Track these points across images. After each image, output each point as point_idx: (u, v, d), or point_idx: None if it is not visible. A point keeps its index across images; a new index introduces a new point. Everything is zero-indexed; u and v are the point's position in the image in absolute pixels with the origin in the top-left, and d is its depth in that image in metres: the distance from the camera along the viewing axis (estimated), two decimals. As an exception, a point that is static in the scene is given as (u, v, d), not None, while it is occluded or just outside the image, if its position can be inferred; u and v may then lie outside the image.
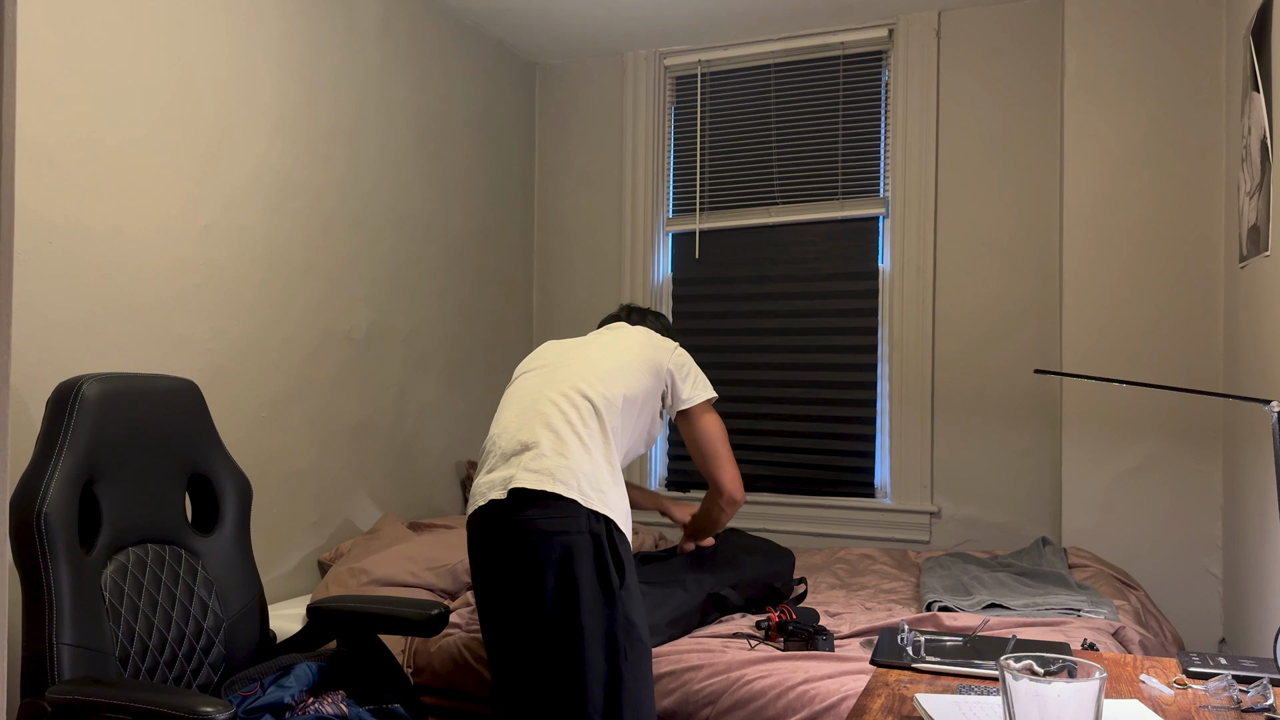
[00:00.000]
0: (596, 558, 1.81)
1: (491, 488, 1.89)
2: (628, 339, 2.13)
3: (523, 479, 1.84)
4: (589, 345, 2.11)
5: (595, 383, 1.98)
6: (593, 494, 1.85)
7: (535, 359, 2.14)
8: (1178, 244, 3.14)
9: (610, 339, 2.14)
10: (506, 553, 1.83)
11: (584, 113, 4.10)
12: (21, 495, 1.57)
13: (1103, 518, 3.19)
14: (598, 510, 1.83)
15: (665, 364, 2.12)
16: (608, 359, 2.05)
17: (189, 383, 1.92)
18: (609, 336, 2.15)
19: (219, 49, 2.57)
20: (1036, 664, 0.96)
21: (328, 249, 2.98)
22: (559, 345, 2.16)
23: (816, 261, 3.73)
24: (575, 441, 1.89)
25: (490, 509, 1.87)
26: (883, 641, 1.50)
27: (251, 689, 1.76)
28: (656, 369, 2.09)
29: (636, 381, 2.04)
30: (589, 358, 2.05)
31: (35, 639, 1.53)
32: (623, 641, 1.80)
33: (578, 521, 1.81)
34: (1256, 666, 1.37)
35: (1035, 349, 3.42)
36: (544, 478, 1.83)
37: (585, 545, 1.80)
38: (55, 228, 2.16)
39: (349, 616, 1.93)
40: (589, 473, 1.87)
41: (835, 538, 3.65)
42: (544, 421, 1.91)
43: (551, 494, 1.82)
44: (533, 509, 1.82)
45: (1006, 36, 3.48)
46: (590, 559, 1.80)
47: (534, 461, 1.86)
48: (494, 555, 1.86)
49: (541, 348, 2.19)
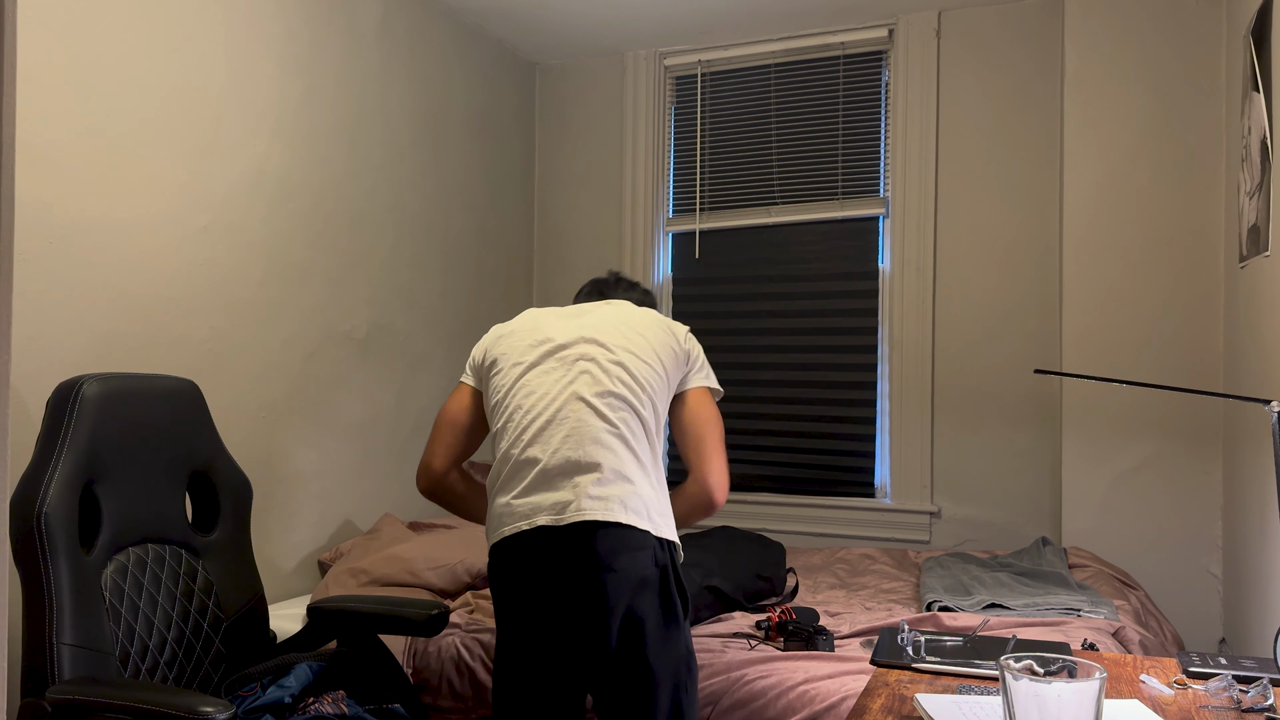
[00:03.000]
0: (663, 591, 1.68)
1: (538, 511, 1.68)
2: (644, 324, 1.88)
3: (590, 509, 1.65)
4: (605, 327, 1.85)
5: (633, 384, 1.78)
6: (660, 521, 1.70)
7: (539, 339, 1.85)
8: (1178, 244, 3.14)
9: (622, 319, 1.87)
10: (564, 587, 1.65)
11: (584, 113, 4.10)
12: (21, 495, 1.57)
13: (1103, 518, 3.19)
14: (666, 538, 1.70)
15: (682, 348, 1.89)
16: (633, 347, 1.81)
17: (189, 383, 1.92)
18: (618, 315, 1.88)
19: (218, 49, 2.57)
20: (1036, 664, 0.96)
21: (328, 249, 2.98)
22: (565, 323, 1.87)
23: (816, 261, 3.73)
24: (633, 461, 1.72)
25: (538, 535, 1.67)
26: (883, 641, 1.50)
27: (251, 689, 1.76)
28: (675, 357, 1.87)
29: (664, 377, 1.83)
30: (615, 345, 1.81)
31: (35, 639, 1.53)
32: (684, 677, 1.69)
33: (648, 554, 1.66)
34: (1256, 666, 1.37)
35: (1035, 349, 3.42)
36: (614, 506, 1.66)
37: (654, 579, 1.66)
38: (55, 228, 2.16)
39: (349, 616, 1.93)
40: (653, 498, 1.71)
41: (835, 538, 3.65)
42: (593, 436, 1.71)
43: (625, 525, 1.65)
44: (602, 541, 1.64)
45: (1006, 36, 3.48)
46: (657, 593, 1.67)
47: (597, 487, 1.67)
48: (542, 588, 1.67)
49: (540, 321, 1.90)
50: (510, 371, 1.82)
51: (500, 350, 1.87)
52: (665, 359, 1.84)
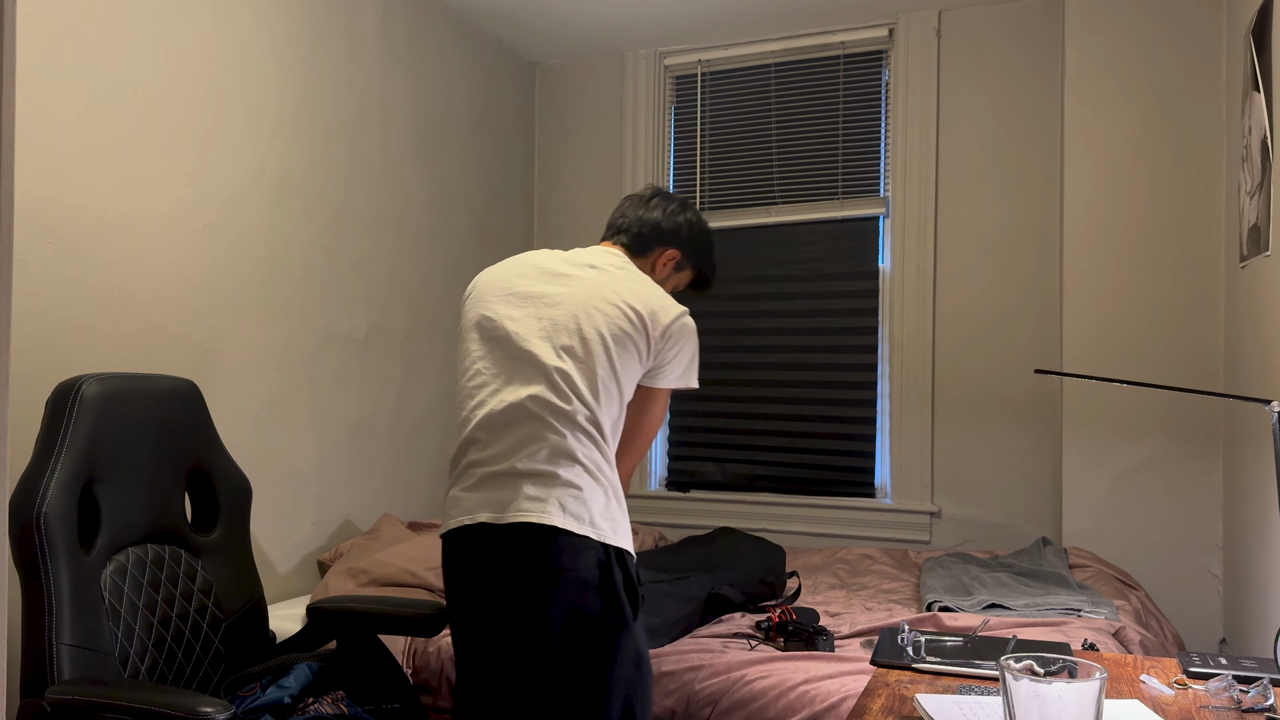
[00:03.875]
0: (607, 593, 1.63)
1: (481, 506, 1.66)
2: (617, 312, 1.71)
3: (527, 510, 1.61)
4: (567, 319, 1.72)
5: (585, 389, 1.67)
6: (605, 525, 1.66)
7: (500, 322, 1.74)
8: (1178, 244, 3.14)
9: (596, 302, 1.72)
10: (502, 584, 1.63)
11: (584, 113, 4.09)
12: (21, 495, 1.57)
13: (1103, 518, 3.19)
14: (609, 543, 1.65)
15: (655, 343, 1.73)
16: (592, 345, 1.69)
17: (189, 383, 1.92)
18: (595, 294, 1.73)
19: (218, 49, 2.57)
20: (1037, 664, 0.96)
21: (328, 249, 2.98)
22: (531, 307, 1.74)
23: (816, 261, 3.73)
24: (578, 460, 1.66)
25: (479, 532, 1.65)
26: (883, 642, 1.50)
27: (251, 689, 1.76)
28: (643, 355, 1.73)
29: (624, 376, 1.72)
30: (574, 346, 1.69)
31: (35, 639, 1.53)
32: (635, 683, 1.65)
33: (588, 556, 1.62)
34: (1257, 666, 1.37)
35: (1035, 349, 3.42)
36: (553, 509, 1.62)
37: (594, 581, 1.62)
38: (55, 227, 2.16)
39: (349, 616, 1.93)
40: (600, 502, 1.66)
41: (835, 538, 3.65)
42: (542, 431, 1.65)
43: (561, 529, 1.61)
44: (538, 543, 1.61)
45: (1006, 36, 3.48)
46: (599, 595, 1.63)
47: (539, 488, 1.63)
48: (484, 584, 1.65)
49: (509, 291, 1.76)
50: (472, 348, 1.76)
51: (472, 312, 1.79)
52: (626, 360, 1.71)
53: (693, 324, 1.79)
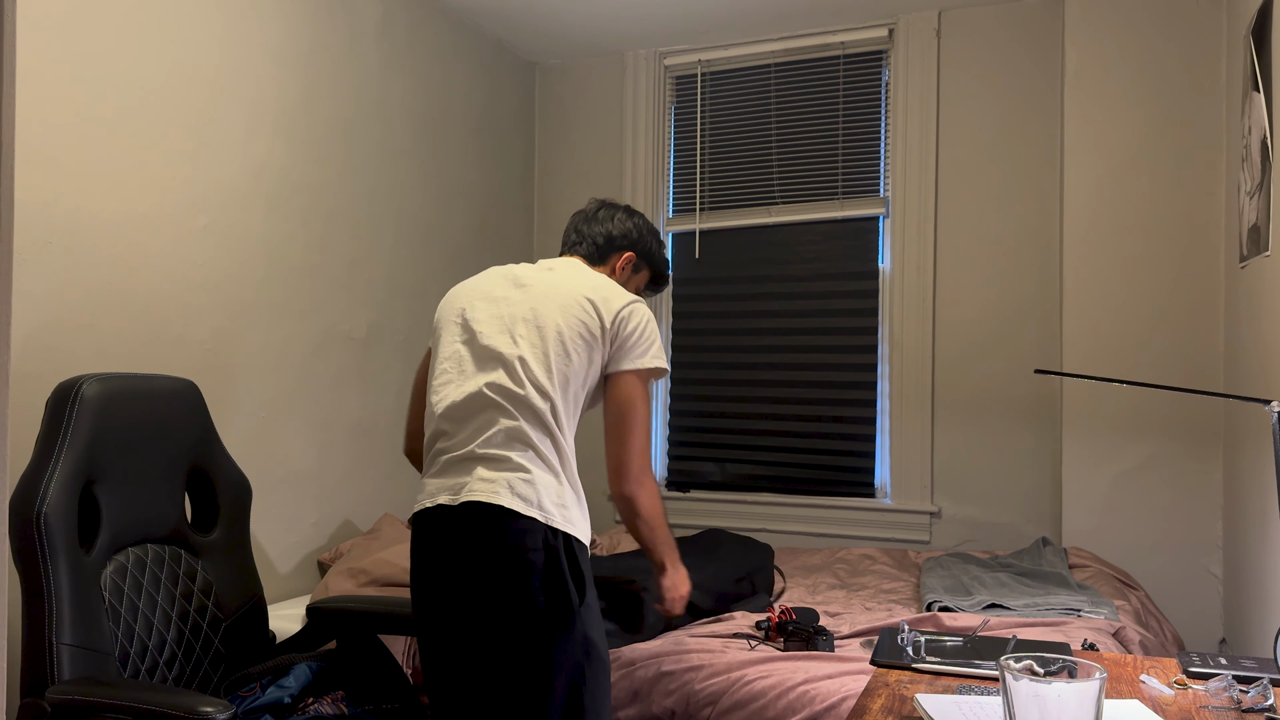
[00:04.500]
0: (553, 575, 1.67)
1: (441, 490, 1.74)
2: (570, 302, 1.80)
3: (477, 490, 1.69)
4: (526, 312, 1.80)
5: (538, 380, 1.74)
6: (554, 510, 1.71)
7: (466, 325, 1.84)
8: (1178, 244, 3.14)
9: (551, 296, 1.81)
10: (455, 566, 1.69)
11: (584, 113, 4.10)
12: (21, 495, 1.57)
13: (1103, 518, 3.19)
14: (557, 527, 1.69)
15: (608, 327, 1.78)
16: (547, 336, 1.77)
17: (189, 383, 1.92)
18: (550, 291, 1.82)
19: (218, 49, 2.57)
20: (1037, 664, 0.96)
21: (328, 249, 2.98)
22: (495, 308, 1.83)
23: (816, 261, 3.73)
24: (532, 446, 1.72)
25: (438, 514, 1.73)
26: (883, 642, 1.50)
27: (251, 689, 1.76)
28: (596, 339, 1.78)
29: (579, 364, 1.78)
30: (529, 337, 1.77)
31: (35, 639, 1.53)
32: (584, 668, 1.67)
33: (534, 537, 1.67)
34: (1257, 666, 1.37)
35: (1036, 349, 3.42)
36: (501, 490, 1.68)
37: (540, 563, 1.67)
38: (55, 227, 2.16)
39: (349, 616, 1.93)
40: (550, 485, 1.72)
41: (835, 538, 3.65)
42: (497, 416, 1.72)
43: (508, 510, 1.67)
44: (486, 523, 1.67)
45: (1006, 36, 3.48)
46: (544, 578, 1.67)
47: (490, 470, 1.70)
48: (439, 566, 1.72)
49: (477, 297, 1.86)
50: (441, 349, 1.86)
51: (442, 320, 1.91)
52: (579, 346, 1.77)
53: (645, 308, 1.83)
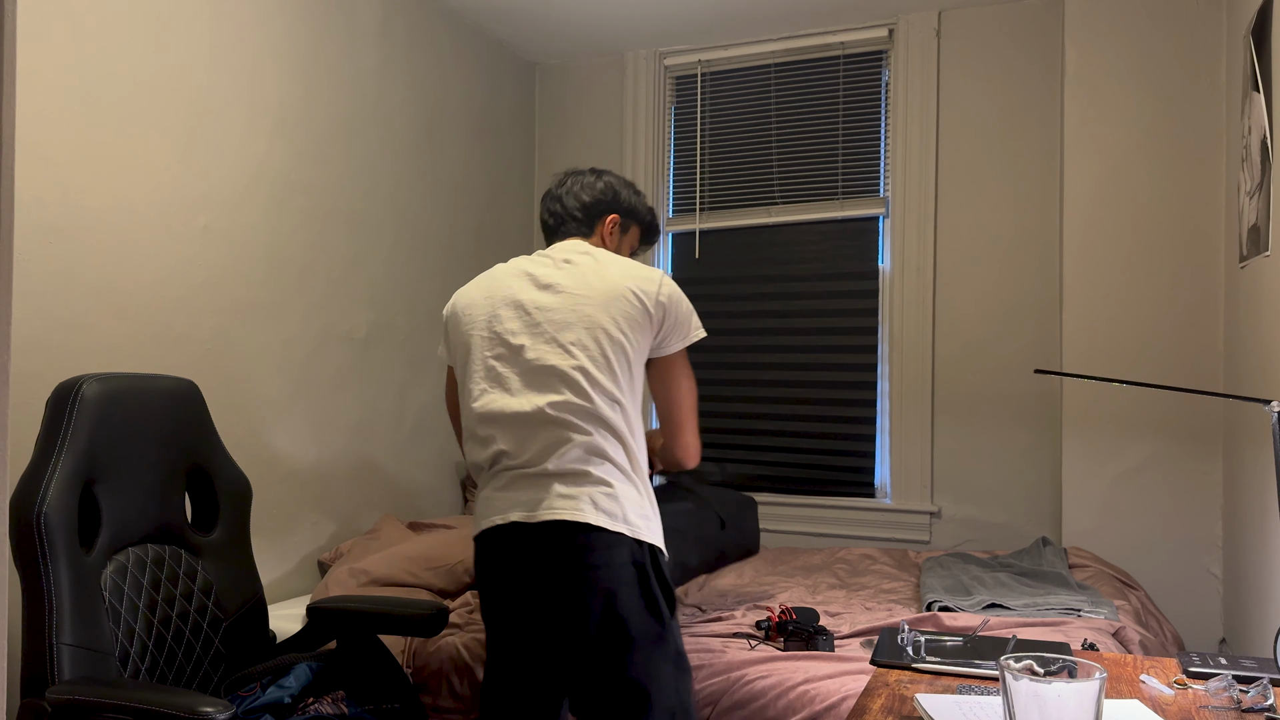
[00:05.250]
0: (644, 591, 1.63)
1: (513, 506, 1.66)
2: (609, 296, 1.70)
3: (560, 508, 1.61)
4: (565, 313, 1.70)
5: (604, 367, 1.67)
6: (639, 522, 1.65)
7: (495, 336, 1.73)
8: (1178, 244, 3.14)
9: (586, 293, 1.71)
10: (535, 583, 1.63)
11: (584, 113, 4.09)
12: (21, 495, 1.57)
13: (1103, 518, 3.19)
14: (643, 540, 1.64)
15: (654, 312, 1.71)
16: (598, 338, 1.68)
17: (189, 383, 1.92)
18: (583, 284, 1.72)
19: (218, 49, 2.57)
20: (1036, 664, 0.96)
21: (328, 249, 2.98)
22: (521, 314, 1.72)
23: (816, 261, 3.73)
24: (609, 458, 1.66)
25: (511, 532, 1.65)
26: (883, 641, 1.50)
27: (251, 689, 1.76)
28: (646, 328, 1.71)
29: (633, 357, 1.70)
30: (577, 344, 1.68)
31: (35, 639, 1.53)
32: (677, 681, 1.65)
33: (621, 552, 1.61)
34: (1257, 666, 1.37)
35: (1035, 349, 3.42)
36: (585, 505, 1.61)
37: (630, 576, 1.61)
38: (55, 228, 2.16)
39: (349, 616, 1.93)
40: (632, 497, 1.66)
41: (835, 538, 3.65)
42: (568, 433, 1.64)
43: (594, 526, 1.61)
44: (571, 540, 1.61)
45: (1006, 36, 3.48)
46: (638, 593, 1.62)
47: (570, 486, 1.63)
48: (517, 583, 1.65)
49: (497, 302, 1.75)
50: (471, 365, 1.74)
51: (462, 331, 1.78)
52: (634, 342, 1.70)
53: (673, 281, 1.78)
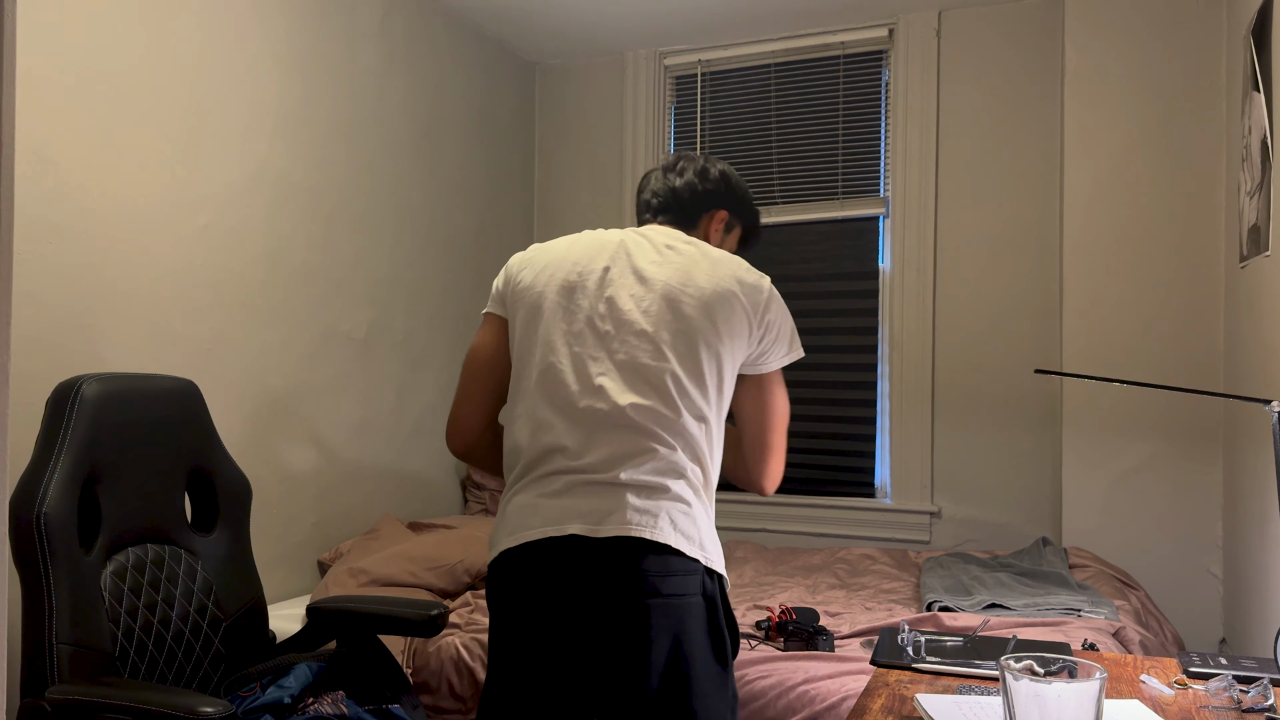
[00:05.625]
0: (711, 627, 1.43)
1: (570, 516, 1.40)
2: (716, 297, 1.49)
3: (635, 522, 1.38)
4: (673, 299, 1.48)
5: (696, 375, 1.46)
6: (711, 547, 1.45)
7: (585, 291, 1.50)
8: (1178, 244, 3.14)
9: (687, 289, 1.49)
10: (592, 608, 1.38)
11: (584, 113, 4.09)
12: (21, 495, 1.57)
13: (1103, 518, 3.19)
14: (714, 569, 1.45)
15: (761, 315, 1.51)
16: (701, 319, 1.46)
17: (189, 383, 1.92)
18: (684, 278, 1.50)
19: (218, 49, 2.57)
20: (1037, 664, 0.96)
21: (328, 249, 2.98)
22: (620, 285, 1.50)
23: (816, 261, 3.73)
24: (685, 476, 1.45)
25: (570, 545, 1.40)
26: (883, 641, 1.50)
27: (251, 689, 1.76)
28: (748, 338, 1.51)
29: (729, 368, 1.51)
30: (680, 321, 1.46)
31: (35, 639, 1.53)
32: None
33: (694, 581, 1.41)
34: (1257, 666, 1.37)
35: (1035, 349, 3.42)
36: (663, 525, 1.40)
37: (700, 612, 1.41)
38: (55, 228, 2.16)
39: (349, 616, 1.93)
40: (706, 522, 1.47)
41: (835, 538, 3.65)
42: (648, 441, 1.43)
43: (672, 549, 1.40)
44: (648, 562, 1.38)
45: (1006, 36, 3.48)
46: (705, 629, 1.42)
47: (646, 500, 1.41)
48: (567, 607, 1.39)
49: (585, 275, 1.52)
50: (540, 331, 1.51)
51: (528, 290, 1.54)
52: (733, 351, 1.50)
53: (778, 292, 1.58)
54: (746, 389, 1.57)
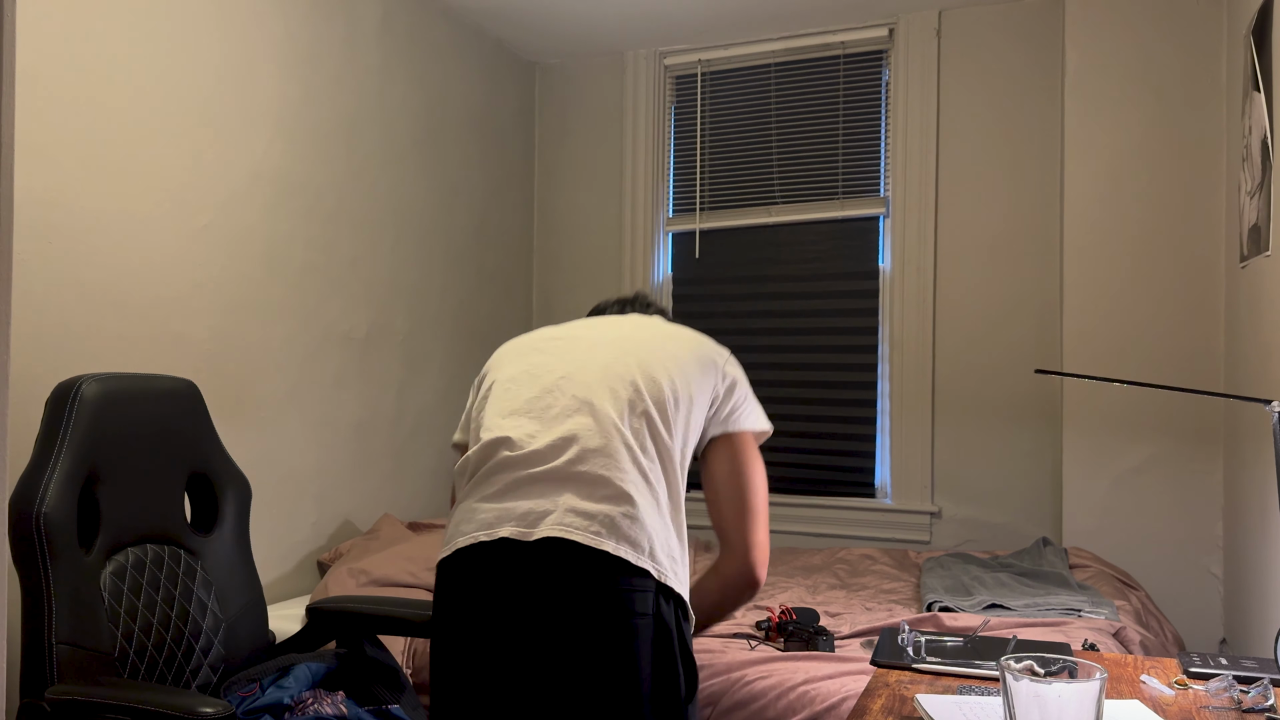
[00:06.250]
0: (662, 656, 1.30)
1: (502, 520, 1.32)
2: (673, 329, 1.54)
3: (571, 525, 1.28)
4: (632, 332, 1.51)
5: (661, 399, 1.41)
6: (665, 562, 1.32)
7: (540, 340, 1.53)
8: (1178, 244, 3.14)
9: (647, 323, 1.54)
10: (527, 623, 1.28)
11: (584, 113, 4.09)
12: (21, 495, 1.57)
13: (1103, 518, 3.19)
14: (671, 586, 1.33)
15: (722, 367, 1.52)
16: (667, 358, 1.46)
17: (189, 383, 1.92)
18: (649, 322, 1.56)
19: (218, 49, 2.57)
20: (1037, 664, 0.96)
21: (328, 249, 2.98)
22: (573, 326, 1.55)
23: (816, 261, 3.73)
24: (639, 477, 1.35)
25: (497, 551, 1.31)
26: (883, 642, 1.50)
27: (251, 689, 1.76)
28: (716, 383, 1.50)
29: (700, 401, 1.46)
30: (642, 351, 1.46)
31: (34, 639, 1.53)
32: None
33: (645, 600, 1.29)
34: (1257, 667, 1.37)
35: (1035, 349, 3.42)
36: (603, 530, 1.28)
37: (648, 634, 1.29)
38: (55, 228, 2.16)
39: (349, 617, 1.93)
40: (660, 530, 1.34)
41: (835, 538, 3.65)
42: (591, 433, 1.35)
43: (614, 557, 1.28)
44: (577, 569, 1.27)
45: (1006, 36, 3.48)
46: (653, 657, 1.29)
47: (585, 500, 1.30)
48: (498, 619, 1.29)
49: (542, 331, 1.57)
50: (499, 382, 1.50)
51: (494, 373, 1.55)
52: (703, 382, 1.48)
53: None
54: (719, 454, 1.52)
